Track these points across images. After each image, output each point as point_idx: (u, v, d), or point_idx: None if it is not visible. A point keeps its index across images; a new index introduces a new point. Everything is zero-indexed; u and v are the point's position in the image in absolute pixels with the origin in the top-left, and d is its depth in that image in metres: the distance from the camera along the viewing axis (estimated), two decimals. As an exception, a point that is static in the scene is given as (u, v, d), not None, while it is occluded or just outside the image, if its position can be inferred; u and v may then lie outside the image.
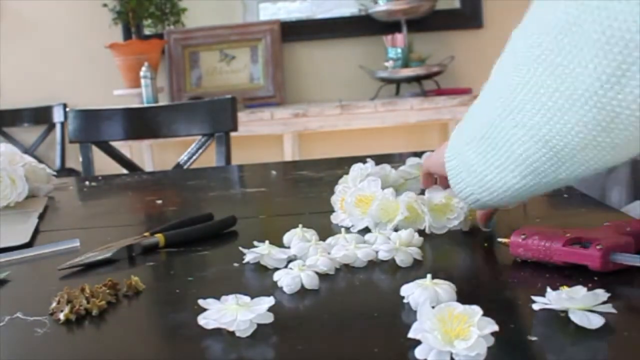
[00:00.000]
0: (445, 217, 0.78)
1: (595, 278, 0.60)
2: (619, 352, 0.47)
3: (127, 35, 3.16)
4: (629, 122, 0.53)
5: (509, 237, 0.67)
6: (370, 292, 0.63)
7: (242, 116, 2.74)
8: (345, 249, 0.69)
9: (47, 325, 0.57)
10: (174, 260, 0.77)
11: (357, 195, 0.82)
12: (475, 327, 0.45)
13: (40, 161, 1.31)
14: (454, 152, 0.71)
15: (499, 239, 0.69)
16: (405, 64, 2.94)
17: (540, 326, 0.51)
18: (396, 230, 0.76)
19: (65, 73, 3.26)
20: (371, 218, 0.80)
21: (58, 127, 3.28)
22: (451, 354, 0.45)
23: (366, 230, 0.80)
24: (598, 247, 0.60)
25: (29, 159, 1.22)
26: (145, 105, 2.55)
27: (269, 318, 0.53)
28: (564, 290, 0.53)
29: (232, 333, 0.51)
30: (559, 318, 0.51)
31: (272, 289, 0.62)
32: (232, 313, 0.52)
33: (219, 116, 1.75)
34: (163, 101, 3.06)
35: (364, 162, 0.94)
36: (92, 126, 1.77)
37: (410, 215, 0.79)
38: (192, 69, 3.21)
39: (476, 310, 0.47)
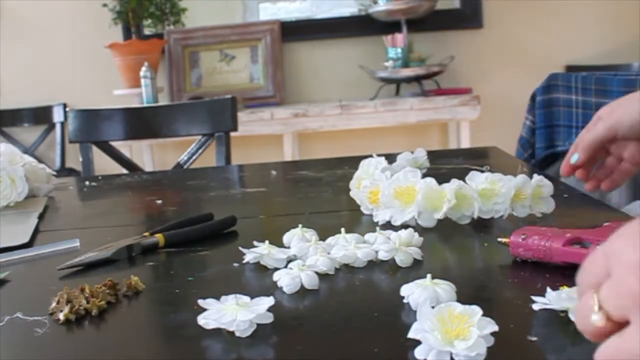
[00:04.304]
0: (491, 202, 0.78)
1: (595, 278, 0.60)
2: (619, 352, 0.47)
3: (127, 35, 3.16)
4: None
5: (509, 237, 0.67)
6: (370, 292, 0.63)
7: (242, 116, 2.74)
8: (345, 249, 0.69)
9: (46, 325, 0.57)
10: (173, 260, 0.77)
11: (394, 187, 0.80)
12: (475, 327, 0.45)
13: (40, 161, 1.31)
14: None
15: (499, 239, 0.69)
16: (405, 64, 2.94)
17: (540, 326, 0.51)
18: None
19: (65, 73, 3.26)
20: (417, 207, 0.78)
21: (58, 127, 3.28)
22: (451, 354, 0.45)
23: (371, 229, 0.79)
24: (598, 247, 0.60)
25: (29, 159, 1.22)
26: (145, 105, 2.54)
27: (269, 318, 0.53)
28: (564, 290, 0.53)
29: (232, 333, 0.51)
30: (559, 318, 0.51)
31: (272, 289, 0.62)
32: (231, 313, 0.52)
33: (219, 116, 1.75)
34: (163, 101, 3.06)
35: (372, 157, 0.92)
36: (92, 126, 1.77)
37: (456, 202, 0.78)
38: (192, 69, 3.21)
39: (476, 310, 0.47)
